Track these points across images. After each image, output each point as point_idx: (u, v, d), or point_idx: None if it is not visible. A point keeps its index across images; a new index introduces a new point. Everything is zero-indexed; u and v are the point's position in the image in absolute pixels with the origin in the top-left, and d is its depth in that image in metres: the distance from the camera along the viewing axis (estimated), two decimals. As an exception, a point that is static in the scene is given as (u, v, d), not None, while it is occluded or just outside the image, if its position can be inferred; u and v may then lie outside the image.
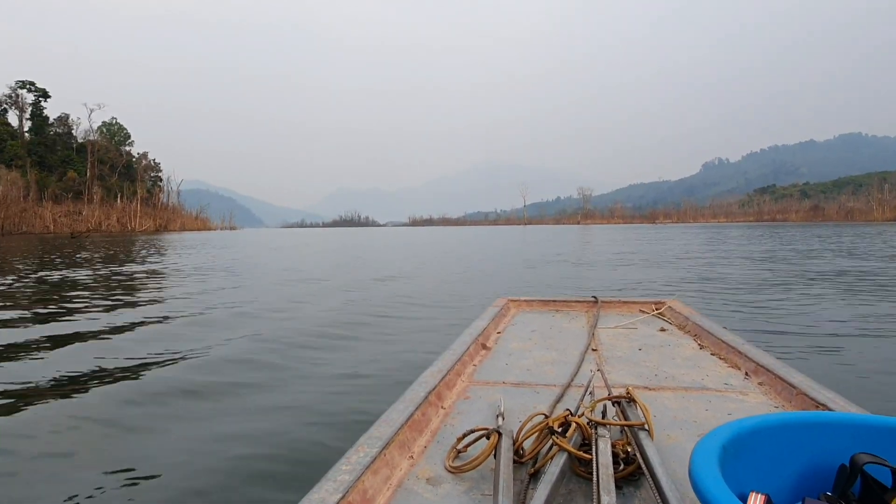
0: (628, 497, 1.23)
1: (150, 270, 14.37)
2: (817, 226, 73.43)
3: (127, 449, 2.78)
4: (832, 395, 1.68)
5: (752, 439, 1.05)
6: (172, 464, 2.58)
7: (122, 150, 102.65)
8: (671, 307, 3.52)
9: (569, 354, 2.55)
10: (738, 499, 0.81)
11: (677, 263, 14.84)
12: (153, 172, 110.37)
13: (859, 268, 12.53)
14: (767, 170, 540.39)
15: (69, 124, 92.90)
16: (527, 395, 1.98)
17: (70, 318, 6.60)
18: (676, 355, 2.54)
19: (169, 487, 2.37)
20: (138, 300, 8.48)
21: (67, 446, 2.82)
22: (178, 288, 10.12)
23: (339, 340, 5.26)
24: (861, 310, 6.70)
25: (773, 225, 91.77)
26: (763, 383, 2.04)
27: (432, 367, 2.06)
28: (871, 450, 1.02)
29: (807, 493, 1.02)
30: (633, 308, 3.73)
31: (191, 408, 3.37)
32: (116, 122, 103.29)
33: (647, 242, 29.62)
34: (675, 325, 3.24)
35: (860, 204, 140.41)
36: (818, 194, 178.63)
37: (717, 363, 2.39)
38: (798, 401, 1.75)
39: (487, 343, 2.75)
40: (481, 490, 1.27)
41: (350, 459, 1.27)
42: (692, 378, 2.15)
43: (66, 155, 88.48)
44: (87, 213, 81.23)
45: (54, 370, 4.16)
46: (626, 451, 1.32)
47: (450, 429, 1.64)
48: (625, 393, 1.60)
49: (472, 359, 2.43)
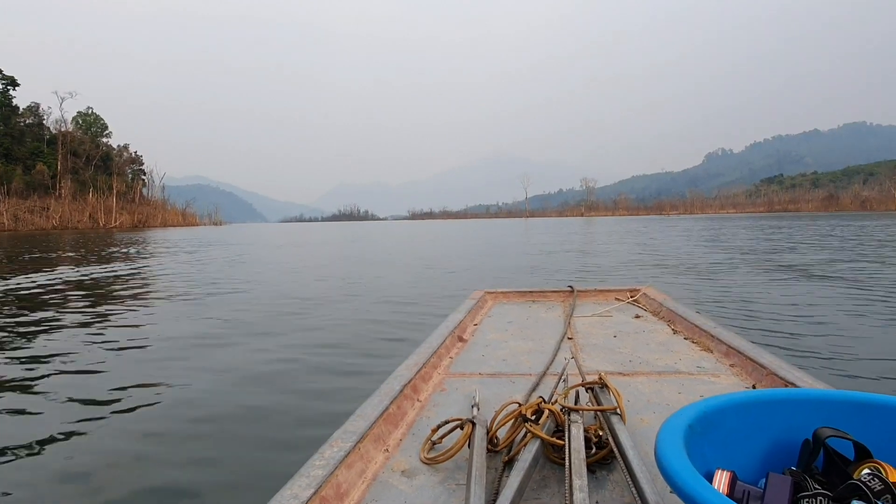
0: (601, 480, 1.26)
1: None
2: (837, 216, 69.47)
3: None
4: (800, 374, 1.75)
5: (717, 418, 1.05)
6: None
7: (100, 141, 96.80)
8: (646, 294, 3.62)
9: (545, 344, 2.59)
10: (702, 476, 0.82)
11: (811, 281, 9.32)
12: (135, 166, 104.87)
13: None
14: (772, 160, 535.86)
15: (40, 114, 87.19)
16: (503, 385, 2.01)
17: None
18: (651, 341, 2.61)
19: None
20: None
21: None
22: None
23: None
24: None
25: (796, 215, 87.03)
26: (734, 365, 2.11)
27: (408, 360, 2.08)
28: (835, 424, 1.03)
29: (772, 468, 1.02)
30: (609, 296, 3.81)
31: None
32: (93, 113, 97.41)
33: (676, 239, 24.40)
34: (649, 312, 3.33)
35: (875, 193, 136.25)
36: (828, 184, 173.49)
37: (691, 347, 2.47)
38: (768, 381, 1.81)
39: (464, 335, 2.80)
40: (456, 480, 1.29)
41: (324, 454, 1.28)
42: (666, 362, 2.23)
43: (36, 147, 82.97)
44: (53, 208, 75.50)
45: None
46: (599, 435, 1.35)
47: (425, 421, 1.66)
48: (597, 379, 1.64)
49: (448, 351, 2.45)
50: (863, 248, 15.03)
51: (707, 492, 0.77)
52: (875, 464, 0.95)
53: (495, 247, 20.54)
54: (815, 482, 0.94)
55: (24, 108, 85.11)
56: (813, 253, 14.00)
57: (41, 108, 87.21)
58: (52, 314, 6.84)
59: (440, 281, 10.11)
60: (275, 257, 17.73)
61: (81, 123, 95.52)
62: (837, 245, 16.61)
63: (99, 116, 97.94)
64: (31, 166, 79.57)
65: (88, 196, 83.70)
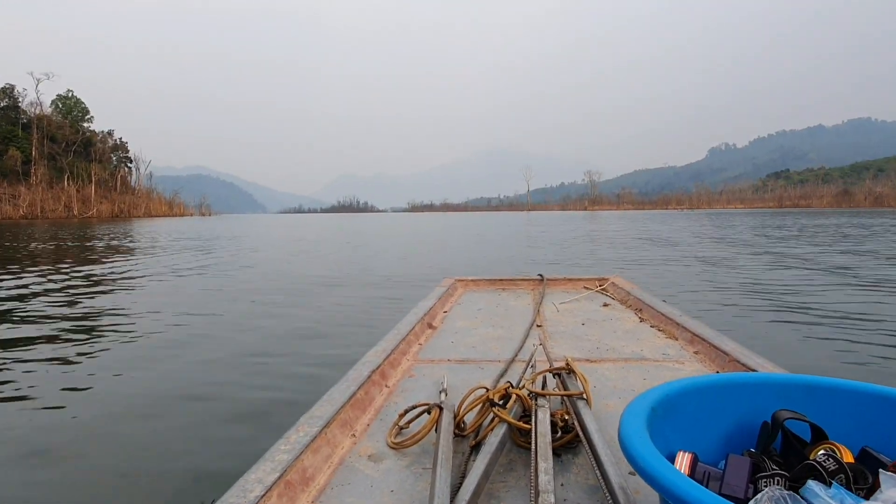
0: (566, 464, 1.28)
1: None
2: (857, 213, 65.61)
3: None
4: (762, 360, 1.80)
5: (679, 401, 1.07)
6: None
7: (80, 126, 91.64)
8: (614, 283, 3.68)
9: (514, 331, 2.62)
10: (664, 458, 0.83)
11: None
12: (120, 153, 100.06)
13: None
14: (776, 155, 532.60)
15: (15, 97, 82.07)
16: (471, 371, 2.04)
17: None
18: (618, 328, 2.66)
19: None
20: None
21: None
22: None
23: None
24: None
25: (814, 212, 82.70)
26: (699, 352, 2.16)
27: (377, 346, 2.10)
28: (793, 407, 1.05)
29: (732, 450, 1.04)
30: (578, 285, 3.86)
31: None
32: (73, 96, 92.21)
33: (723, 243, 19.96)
34: (617, 300, 3.38)
35: (888, 189, 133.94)
36: (837, 179, 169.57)
37: (656, 335, 2.51)
38: (730, 367, 1.86)
39: (433, 322, 2.81)
40: (422, 464, 1.30)
41: (289, 439, 1.28)
42: (632, 349, 2.27)
43: (9, 131, 77.96)
44: (23, 196, 70.72)
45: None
46: (565, 420, 1.37)
47: (393, 407, 1.67)
48: (565, 365, 1.68)
49: (417, 338, 2.46)
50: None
51: (669, 472, 0.78)
52: (830, 445, 0.97)
53: (499, 260, 14.30)
54: (772, 463, 0.96)
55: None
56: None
57: (16, 89, 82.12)
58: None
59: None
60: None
61: (61, 107, 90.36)
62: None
63: (80, 100, 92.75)
64: (4, 151, 74.79)
65: (64, 184, 78.97)
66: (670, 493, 0.76)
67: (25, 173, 75.67)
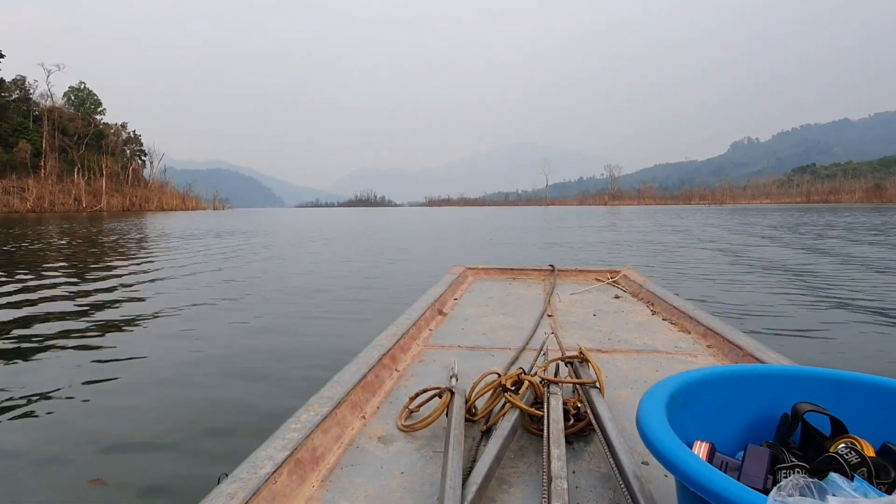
0: (578, 451, 1.28)
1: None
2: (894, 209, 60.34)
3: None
4: (776, 355, 1.77)
5: (698, 390, 1.06)
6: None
7: (93, 119, 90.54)
8: (626, 275, 3.63)
9: (524, 320, 2.61)
10: (684, 444, 0.82)
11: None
12: (134, 146, 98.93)
13: None
14: (800, 149, 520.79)
15: (26, 88, 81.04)
16: (482, 357, 2.04)
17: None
18: (629, 320, 2.64)
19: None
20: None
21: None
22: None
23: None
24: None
25: (849, 207, 78.75)
26: (712, 346, 2.15)
27: (387, 331, 2.10)
28: (812, 400, 1.04)
29: (750, 441, 1.03)
30: (589, 276, 3.83)
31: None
32: (85, 88, 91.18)
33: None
34: (628, 293, 3.34)
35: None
36: (865, 174, 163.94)
37: (669, 328, 2.49)
38: (744, 362, 1.83)
39: (444, 309, 2.80)
40: (433, 447, 1.31)
41: (300, 418, 1.30)
42: (644, 341, 2.26)
43: (20, 123, 76.97)
44: (32, 188, 69.56)
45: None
46: (578, 407, 1.37)
47: (403, 390, 1.69)
48: (577, 353, 1.67)
49: (427, 324, 2.47)
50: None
51: (690, 458, 0.77)
52: (851, 439, 0.96)
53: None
54: (791, 455, 0.96)
55: (10, 81, 79.10)
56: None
57: (27, 81, 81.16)
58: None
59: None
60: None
61: (73, 99, 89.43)
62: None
63: (92, 92, 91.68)
64: (14, 144, 73.75)
65: (74, 176, 77.92)
66: (691, 479, 0.74)
67: (35, 166, 74.67)
